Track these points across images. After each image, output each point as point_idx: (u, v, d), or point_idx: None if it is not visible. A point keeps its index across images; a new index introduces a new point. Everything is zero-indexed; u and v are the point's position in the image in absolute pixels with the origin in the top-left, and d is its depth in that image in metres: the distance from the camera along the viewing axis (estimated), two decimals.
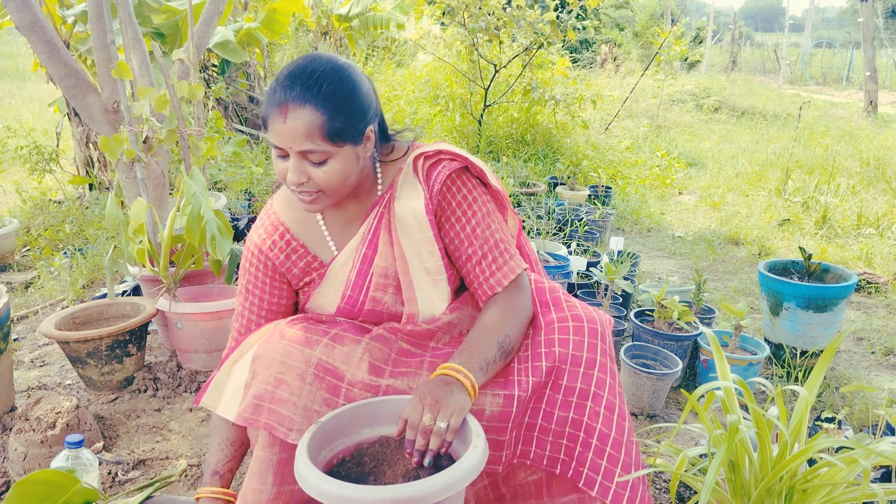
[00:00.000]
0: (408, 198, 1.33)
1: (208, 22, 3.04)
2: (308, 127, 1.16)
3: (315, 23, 8.39)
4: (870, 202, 5.20)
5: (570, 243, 3.72)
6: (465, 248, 1.34)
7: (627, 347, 2.41)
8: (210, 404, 1.30)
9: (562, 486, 1.28)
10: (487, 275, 1.33)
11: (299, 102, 1.15)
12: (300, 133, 1.16)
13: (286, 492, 1.26)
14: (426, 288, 1.35)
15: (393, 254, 1.35)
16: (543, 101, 6.17)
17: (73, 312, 2.35)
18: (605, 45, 14.40)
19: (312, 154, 1.19)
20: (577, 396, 1.21)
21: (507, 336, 1.24)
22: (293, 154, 1.19)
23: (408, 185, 1.35)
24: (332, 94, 1.17)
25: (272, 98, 1.18)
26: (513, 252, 1.36)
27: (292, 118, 1.15)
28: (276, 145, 1.20)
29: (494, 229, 1.35)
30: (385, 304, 1.37)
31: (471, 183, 1.37)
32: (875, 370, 2.73)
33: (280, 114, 1.16)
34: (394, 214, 1.34)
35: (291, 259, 1.40)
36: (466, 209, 1.34)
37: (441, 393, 1.09)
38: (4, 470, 1.83)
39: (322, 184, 1.22)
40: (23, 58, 11.76)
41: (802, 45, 18.66)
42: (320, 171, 1.20)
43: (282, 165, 1.23)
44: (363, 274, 1.36)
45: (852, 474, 1.27)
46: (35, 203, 4.54)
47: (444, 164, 1.34)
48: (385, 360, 1.30)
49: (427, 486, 0.95)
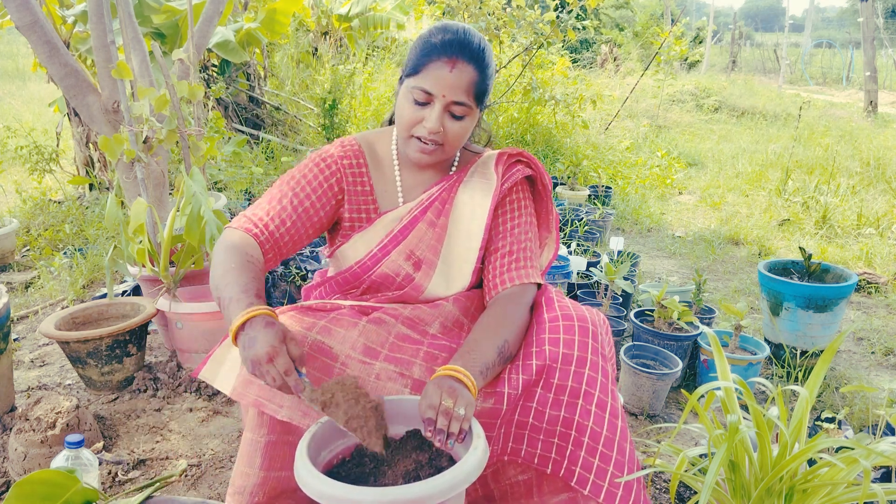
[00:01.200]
0: (476, 184, 1.44)
1: (208, 22, 3.04)
2: (469, 82, 1.29)
3: (315, 23, 8.39)
4: (870, 202, 5.20)
5: (570, 243, 3.72)
6: (498, 240, 1.43)
7: (627, 347, 2.41)
8: (208, 377, 1.29)
9: (553, 486, 1.28)
10: (505, 269, 1.39)
11: (467, 59, 1.28)
12: (462, 85, 1.29)
13: (274, 478, 1.25)
14: (453, 267, 1.42)
15: (437, 224, 1.42)
16: (543, 101, 6.17)
17: (73, 312, 2.35)
18: (605, 45, 14.40)
19: (460, 107, 1.31)
20: (569, 395, 1.21)
21: (506, 342, 1.26)
22: (442, 103, 1.29)
23: (479, 174, 1.45)
24: (488, 61, 1.33)
25: (438, 48, 1.28)
26: (535, 263, 1.43)
27: (459, 69, 1.28)
28: (429, 90, 1.29)
29: (529, 238, 1.44)
30: (404, 269, 1.41)
31: (529, 193, 1.50)
32: (875, 370, 2.73)
33: (448, 63, 1.28)
34: (456, 193, 1.44)
35: (357, 188, 1.45)
36: (515, 210, 1.46)
37: (455, 384, 1.12)
38: (4, 470, 1.83)
39: (451, 136, 1.33)
40: (23, 58, 11.76)
41: (802, 45, 18.67)
42: (457, 124, 1.33)
43: (418, 113, 1.31)
44: (405, 232, 1.42)
45: (852, 474, 1.27)
46: (35, 203, 4.54)
47: (520, 169, 1.47)
48: (382, 342, 1.31)
49: (429, 486, 0.94)
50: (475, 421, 1.10)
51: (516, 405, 1.25)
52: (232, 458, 1.92)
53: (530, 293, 1.37)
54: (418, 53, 1.31)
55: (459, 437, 1.05)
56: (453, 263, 1.42)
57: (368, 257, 1.42)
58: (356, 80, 6.79)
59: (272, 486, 1.26)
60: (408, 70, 1.33)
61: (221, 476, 1.84)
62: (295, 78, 7.87)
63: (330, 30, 8.52)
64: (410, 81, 1.31)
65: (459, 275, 1.42)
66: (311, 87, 7.43)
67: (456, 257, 1.42)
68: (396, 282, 1.42)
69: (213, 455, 1.94)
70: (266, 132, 6.78)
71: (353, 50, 8.42)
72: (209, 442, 2.01)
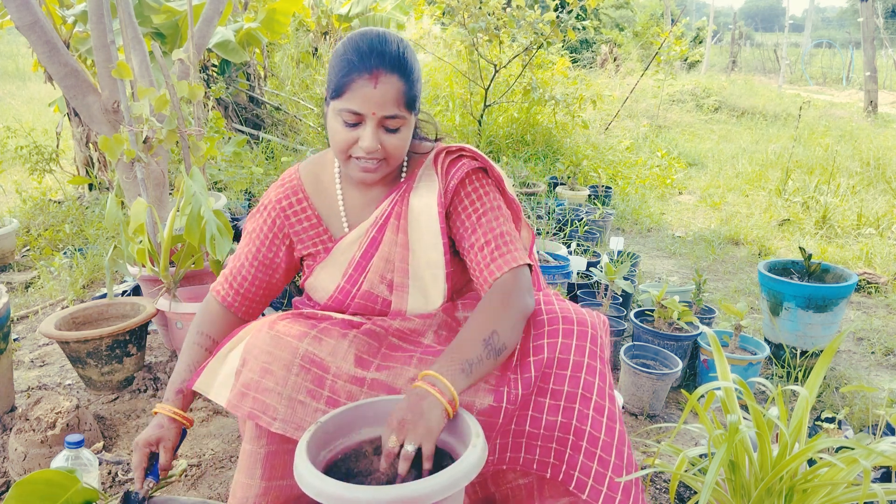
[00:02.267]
0: (425, 189, 1.37)
1: (208, 22, 3.04)
2: (396, 93, 1.22)
3: (315, 23, 8.39)
4: (870, 202, 5.20)
5: (570, 243, 3.72)
6: (470, 235, 1.35)
7: (627, 347, 2.40)
8: (203, 389, 1.32)
9: (554, 490, 1.28)
10: (488, 261, 1.31)
11: (389, 70, 1.21)
12: (390, 98, 1.22)
13: (275, 487, 1.25)
14: (425, 280, 1.36)
15: (397, 241, 1.36)
16: (543, 101, 6.17)
17: (73, 312, 2.35)
18: (605, 45, 14.40)
19: (393, 120, 1.24)
20: (567, 399, 1.20)
21: (494, 332, 1.18)
22: (373, 120, 1.23)
23: (426, 178, 1.39)
24: (412, 64, 1.26)
25: (357, 65, 1.21)
26: (518, 245, 1.34)
27: (383, 84, 1.21)
28: (357, 111, 1.22)
29: (502, 222, 1.35)
30: (380, 293, 1.38)
31: (486, 182, 1.40)
32: (875, 370, 2.73)
33: (370, 80, 1.20)
34: (407, 204, 1.37)
35: (303, 224, 1.43)
36: (476, 200, 1.37)
37: (409, 415, 1.06)
38: (4, 470, 1.83)
39: (391, 150, 1.27)
40: (23, 58, 11.76)
41: (802, 45, 18.66)
42: (395, 137, 1.27)
43: (350, 134, 1.25)
44: (368, 256, 1.38)
45: (852, 474, 1.27)
46: (35, 203, 4.54)
47: (464, 162, 1.38)
48: (373, 353, 1.30)
49: (427, 485, 0.94)
50: (473, 420, 1.10)
51: (512, 417, 1.24)
52: (232, 457, 1.92)
53: (524, 275, 1.30)
54: (339, 73, 1.22)
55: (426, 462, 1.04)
56: (425, 277, 1.36)
57: (338, 291, 1.40)
58: None
59: (275, 496, 1.26)
60: (331, 92, 1.25)
61: (221, 476, 1.84)
62: (295, 78, 7.87)
63: (330, 30, 8.52)
64: (336, 104, 1.24)
65: (434, 286, 1.36)
66: (311, 87, 7.43)
67: (426, 269, 1.35)
68: (377, 309, 1.39)
69: (213, 455, 1.94)
70: (266, 132, 6.78)
71: None
72: (209, 442, 2.01)
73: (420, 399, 1.08)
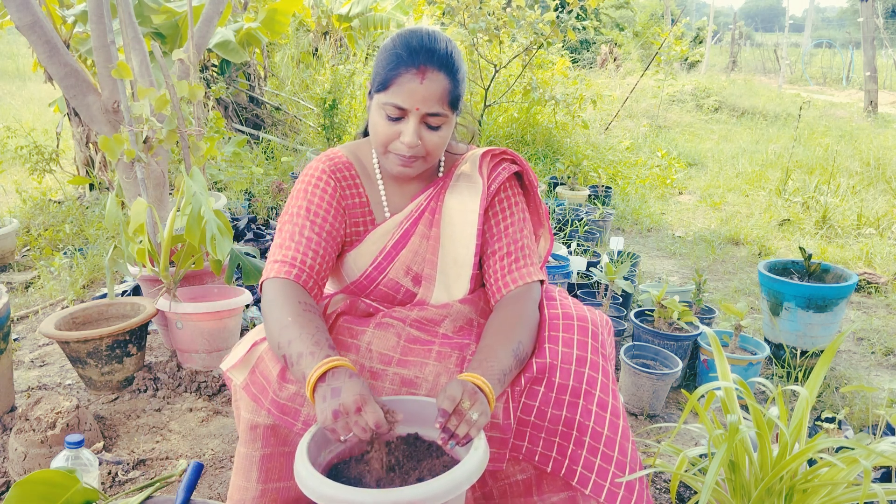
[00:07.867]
0: (464, 188, 1.39)
1: (208, 22, 3.04)
2: (442, 91, 1.23)
3: (315, 23, 8.39)
4: (870, 202, 5.20)
5: (570, 243, 3.72)
6: (495, 241, 1.39)
7: (627, 347, 2.41)
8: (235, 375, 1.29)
9: (552, 485, 1.28)
10: (506, 271, 1.36)
11: (437, 67, 1.22)
12: (435, 95, 1.23)
13: (272, 489, 1.25)
14: (450, 276, 1.38)
15: (430, 235, 1.38)
16: (543, 101, 6.16)
17: (73, 312, 2.35)
18: (605, 45, 14.40)
19: (435, 118, 1.25)
20: (570, 394, 1.21)
21: (520, 343, 1.22)
22: (416, 115, 1.24)
23: (465, 178, 1.41)
24: (459, 64, 1.27)
25: (406, 60, 1.22)
26: (535, 260, 1.39)
27: (430, 80, 1.22)
28: (401, 106, 1.23)
29: (525, 235, 1.41)
30: (404, 284, 1.39)
31: (517, 192, 1.45)
32: (875, 370, 2.73)
33: (417, 75, 1.21)
34: (443, 201, 1.39)
35: (354, 201, 1.40)
36: (507, 209, 1.41)
37: (477, 390, 1.09)
38: (4, 470, 1.83)
39: (431, 147, 1.28)
40: (23, 58, 11.75)
41: (802, 45, 18.66)
42: (435, 135, 1.27)
43: (392, 128, 1.26)
44: (399, 247, 1.38)
45: (852, 474, 1.27)
46: (35, 203, 4.54)
47: (505, 167, 1.42)
48: (393, 347, 1.30)
49: (430, 487, 0.94)
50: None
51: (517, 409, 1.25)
52: (232, 458, 1.92)
53: (536, 291, 1.35)
54: (385, 67, 1.24)
55: (463, 441, 1.05)
56: (450, 273, 1.39)
57: (363, 277, 1.39)
58: (356, 80, 6.79)
59: (272, 498, 1.26)
60: (376, 85, 1.26)
61: (221, 476, 1.84)
62: (295, 78, 7.87)
63: (330, 30, 8.52)
64: (381, 97, 1.25)
65: (458, 283, 1.39)
66: (311, 87, 7.43)
67: (452, 266, 1.38)
68: (398, 298, 1.40)
69: (213, 455, 1.94)
70: (266, 132, 6.78)
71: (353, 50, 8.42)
72: (209, 442, 2.01)
73: (475, 391, 1.09)
